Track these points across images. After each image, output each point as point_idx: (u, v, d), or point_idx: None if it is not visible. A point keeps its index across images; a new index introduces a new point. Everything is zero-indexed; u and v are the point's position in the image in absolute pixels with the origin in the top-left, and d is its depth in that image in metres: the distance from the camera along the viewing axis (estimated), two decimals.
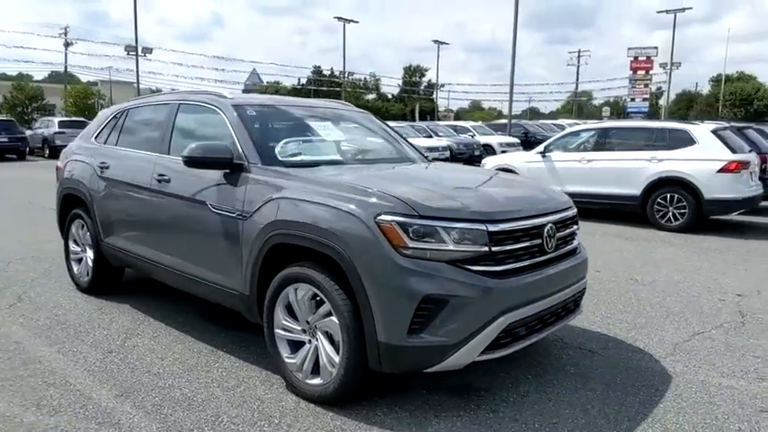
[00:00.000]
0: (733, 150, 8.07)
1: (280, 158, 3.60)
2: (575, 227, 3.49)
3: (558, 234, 3.22)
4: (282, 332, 3.23)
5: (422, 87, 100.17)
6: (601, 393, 3.27)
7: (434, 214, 2.78)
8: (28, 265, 5.99)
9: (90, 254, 4.94)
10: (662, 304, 4.96)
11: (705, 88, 72.73)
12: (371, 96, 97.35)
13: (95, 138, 5.08)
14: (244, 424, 2.88)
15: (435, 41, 55.89)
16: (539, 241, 3.06)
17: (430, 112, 77.21)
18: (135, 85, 36.04)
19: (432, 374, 3.33)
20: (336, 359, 2.95)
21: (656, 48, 57.91)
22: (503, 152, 21.46)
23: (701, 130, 8.31)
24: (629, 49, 59.92)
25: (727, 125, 9.30)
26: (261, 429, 2.84)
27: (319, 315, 3.04)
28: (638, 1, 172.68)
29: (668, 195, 8.34)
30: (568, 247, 3.38)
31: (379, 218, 2.78)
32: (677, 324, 4.45)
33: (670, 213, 8.38)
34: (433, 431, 2.83)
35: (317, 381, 3.07)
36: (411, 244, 2.73)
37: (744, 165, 7.94)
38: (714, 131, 8.26)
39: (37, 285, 5.23)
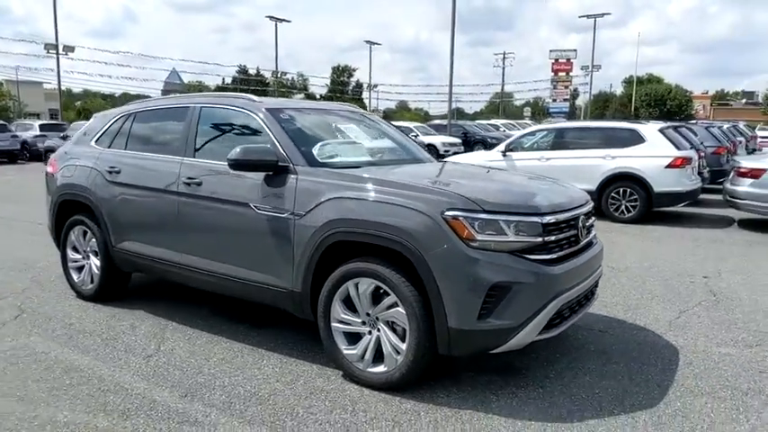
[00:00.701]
0: (678, 147, 8.90)
1: (320, 160, 3.74)
2: (593, 218, 3.86)
3: (586, 224, 3.58)
4: (340, 325, 3.39)
5: (350, 87, 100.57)
6: (624, 366, 3.66)
7: (496, 209, 3.05)
8: (10, 275, 5.73)
9: (95, 261, 4.83)
10: (643, 288, 5.48)
11: (618, 89, 77.56)
12: (299, 96, 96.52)
13: (95, 141, 4.97)
14: (321, 413, 3.03)
15: (367, 42, 56.36)
16: (575, 231, 3.40)
17: None
18: (44, 85, 34.02)
19: (473, 359, 3.61)
20: (403, 347, 3.16)
21: (575, 50, 60.97)
22: (446, 152, 22.13)
23: (650, 130, 9.09)
24: (550, 51, 62.79)
25: (671, 125, 10.18)
26: (339, 416, 3.00)
27: (383, 307, 3.23)
28: (553, 6, 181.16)
29: (621, 189, 9.06)
30: (591, 237, 3.74)
31: (446, 213, 3.01)
32: (663, 304, 4.96)
33: (623, 206, 9.11)
34: (496, 407, 3.10)
35: (380, 369, 3.26)
36: (478, 237, 2.98)
37: (687, 161, 8.78)
38: (661, 130, 9.07)
39: (32, 296, 5.05)
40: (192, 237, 4.07)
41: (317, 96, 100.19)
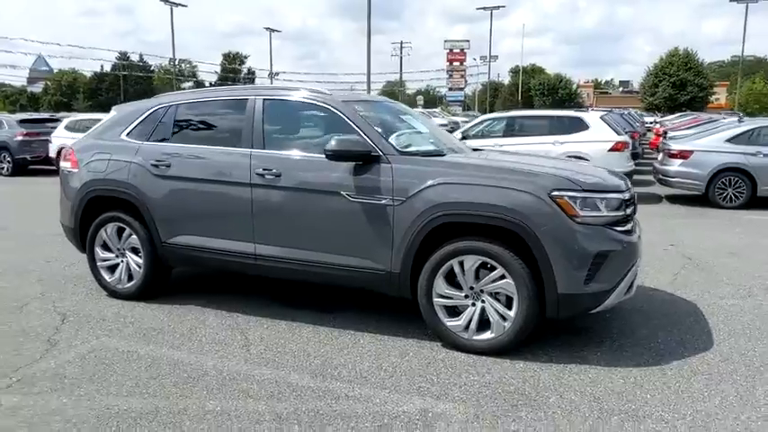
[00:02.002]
0: (617, 133, 9.97)
1: (402, 149, 4.00)
2: None
3: None
4: (442, 300, 3.71)
5: (242, 75, 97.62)
6: (665, 320, 4.30)
7: (591, 188, 3.52)
8: (13, 281, 5.37)
9: (135, 258, 4.71)
10: None
11: (506, 79, 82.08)
12: (188, 84, 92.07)
13: (126, 135, 4.80)
14: (454, 375, 3.35)
15: (267, 29, 55.23)
16: (634, 207, 3.96)
17: None
18: None
19: (547, 328, 4.07)
20: (510, 314, 3.55)
21: (468, 41, 63.72)
22: None
23: (592, 117, 10.10)
24: (444, 41, 65.09)
25: (608, 111, 11.31)
26: (471, 376, 3.34)
27: (489, 280, 3.59)
28: None
29: None
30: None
31: (553, 193, 3.43)
32: (656, 269, 5.73)
33: None
34: (595, 359, 3.59)
35: (486, 335, 3.63)
36: (580, 213, 3.44)
37: (626, 144, 9.88)
38: (602, 117, 10.10)
39: (57, 299, 4.81)
40: (271, 227, 4.14)
41: (207, 84, 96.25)
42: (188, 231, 4.46)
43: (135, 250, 4.72)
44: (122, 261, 4.80)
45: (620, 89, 72.79)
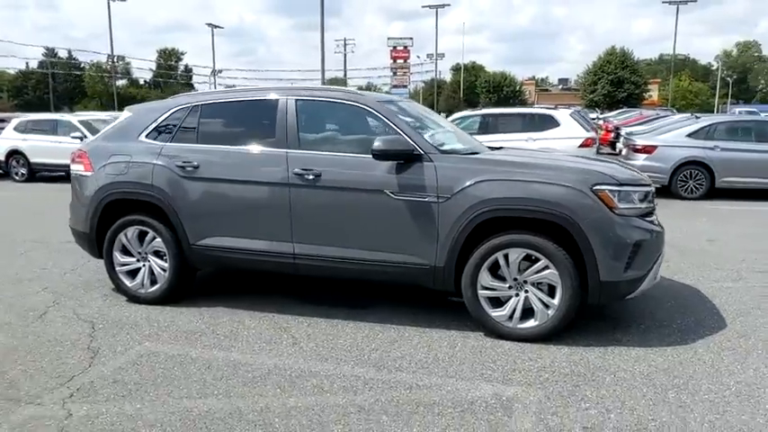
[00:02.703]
0: (586, 129, 10.49)
1: (441, 148, 4.15)
2: None
3: None
4: (486, 292, 3.90)
5: (179, 72, 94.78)
6: (678, 303, 4.66)
7: (627, 182, 3.80)
8: (15, 290, 5.16)
9: (158, 262, 4.64)
10: None
11: (447, 76, 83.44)
12: (122, 82, 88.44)
13: (146, 136, 4.72)
14: (509, 361, 3.54)
15: (209, 25, 53.80)
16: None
17: None
18: None
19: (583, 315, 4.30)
20: (554, 302, 3.77)
21: (411, 38, 64.33)
22: None
23: (563, 114, 10.58)
24: (388, 39, 65.46)
25: (577, 110, 11.84)
26: (525, 362, 3.54)
27: (533, 271, 3.80)
28: None
29: None
30: None
31: (595, 187, 3.68)
32: None
33: None
34: (630, 341, 3.87)
35: (530, 323, 3.85)
36: (619, 205, 3.71)
37: (594, 140, 10.41)
38: (571, 115, 10.60)
39: (77, 306, 4.67)
40: (311, 226, 4.20)
41: (142, 82, 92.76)
42: (219, 233, 4.45)
43: (158, 254, 4.66)
44: (144, 265, 4.72)
45: (560, 86, 75.70)
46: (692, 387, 3.23)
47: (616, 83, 46.77)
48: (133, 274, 4.76)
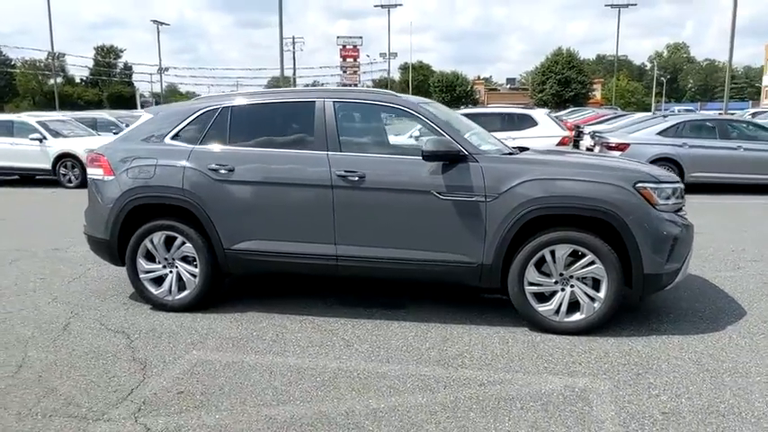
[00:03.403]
0: (562, 129, 10.86)
1: (481, 148, 4.23)
2: None
3: None
4: (532, 287, 4.02)
5: (118, 70, 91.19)
6: (689, 293, 4.93)
7: (664, 180, 4.00)
8: (22, 303, 4.90)
9: (188, 268, 4.52)
10: None
11: (396, 75, 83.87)
12: (58, 80, 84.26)
13: (171, 138, 4.58)
14: (566, 354, 3.67)
15: (154, 21, 52.09)
16: None
17: (130, 98, 71.33)
18: None
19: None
20: (600, 295, 3.93)
21: (360, 37, 64.45)
22: None
23: (540, 114, 10.91)
24: (337, 37, 65.38)
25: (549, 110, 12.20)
26: (581, 354, 3.68)
27: (579, 266, 3.95)
28: None
29: None
30: None
31: (638, 185, 3.86)
32: None
33: None
34: (667, 330, 4.08)
35: (576, 317, 3.99)
36: (660, 201, 3.90)
37: (569, 139, 10.79)
38: (547, 114, 10.94)
39: (101, 316, 4.49)
40: (355, 227, 4.19)
41: (78, 80, 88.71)
42: (255, 236, 4.37)
43: (186, 259, 4.53)
44: (171, 272, 4.58)
45: (508, 86, 77.67)
46: (742, 370, 3.45)
47: (564, 82, 48.70)
48: (158, 281, 4.61)
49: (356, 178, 4.14)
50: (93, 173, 4.70)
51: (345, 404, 3.11)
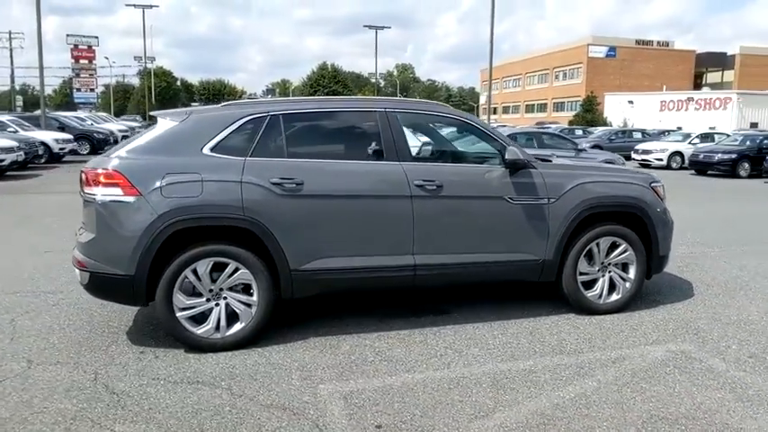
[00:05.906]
0: None
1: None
2: None
3: None
4: (582, 277, 4.63)
5: None
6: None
7: (658, 180, 4.99)
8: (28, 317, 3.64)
9: (240, 297, 3.95)
10: None
11: (135, 81, 76.93)
12: None
13: (211, 149, 3.93)
14: (629, 329, 4.35)
15: None
16: None
17: None
18: None
19: None
20: (631, 277, 4.73)
21: (96, 37, 57.88)
22: (61, 150, 19.05)
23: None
24: (67, 36, 57.64)
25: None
26: (642, 327, 4.41)
27: (617, 254, 4.68)
28: None
29: None
30: None
31: (653, 184, 4.78)
32: None
33: None
34: (698, 309, 5.07)
35: (614, 298, 4.72)
36: (664, 196, 4.88)
37: None
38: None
39: (147, 368, 3.63)
40: (433, 236, 4.20)
41: None
42: (328, 254, 4.05)
43: (235, 288, 3.94)
44: (217, 304, 3.93)
45: (269, 96, 77.91)
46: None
47: (331, 95, 51.43)
48: (198, 318, 3.91)
49: (434, 187, 4.18)
50: (106, 194, 3.74)
51: (539, 401, 3.24)
